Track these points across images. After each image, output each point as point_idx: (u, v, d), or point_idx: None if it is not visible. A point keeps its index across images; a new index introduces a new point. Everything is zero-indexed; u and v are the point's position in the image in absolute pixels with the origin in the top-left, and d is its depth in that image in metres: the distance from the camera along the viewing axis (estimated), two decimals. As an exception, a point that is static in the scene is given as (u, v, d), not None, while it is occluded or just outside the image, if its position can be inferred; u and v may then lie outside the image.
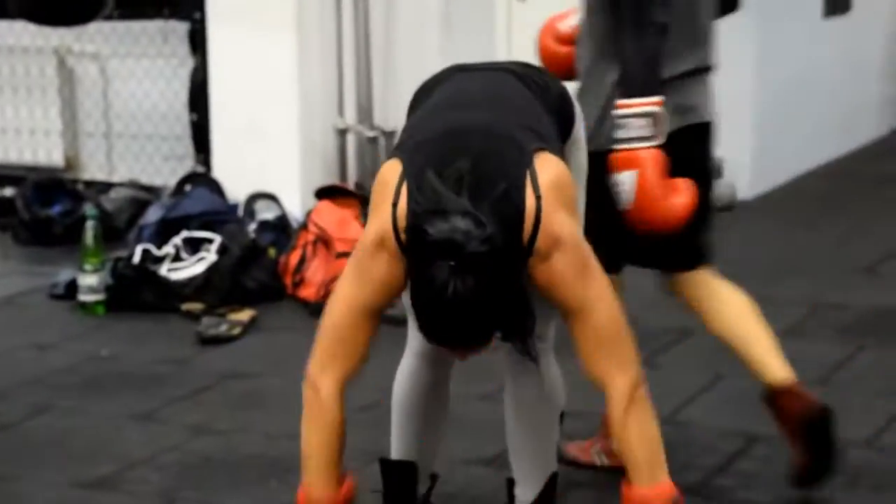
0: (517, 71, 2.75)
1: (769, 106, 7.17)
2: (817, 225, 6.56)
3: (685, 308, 3.49)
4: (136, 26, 6.59)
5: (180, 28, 6.46)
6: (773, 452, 3.70)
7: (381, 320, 2.57)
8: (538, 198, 2.45)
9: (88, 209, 5.30)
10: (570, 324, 2.52)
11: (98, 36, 6.67)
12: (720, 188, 6.81)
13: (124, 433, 3.95)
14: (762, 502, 3.41)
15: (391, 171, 2.51)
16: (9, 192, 6.68)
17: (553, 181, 2.50)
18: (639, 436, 2.48)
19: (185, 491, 3.52)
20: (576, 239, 2.51)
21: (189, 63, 6.45)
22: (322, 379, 2.51)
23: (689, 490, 3.45)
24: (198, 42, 6.34)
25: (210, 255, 5.26)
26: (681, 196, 3.12)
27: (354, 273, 2.51)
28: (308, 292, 5.21)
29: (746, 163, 7.02)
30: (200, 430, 3.95)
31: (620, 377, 2.48)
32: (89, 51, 6.73)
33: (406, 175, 2.46)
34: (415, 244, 2.38)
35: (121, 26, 6.61)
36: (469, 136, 2.49)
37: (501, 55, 6.41)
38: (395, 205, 2.44)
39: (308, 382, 2.55)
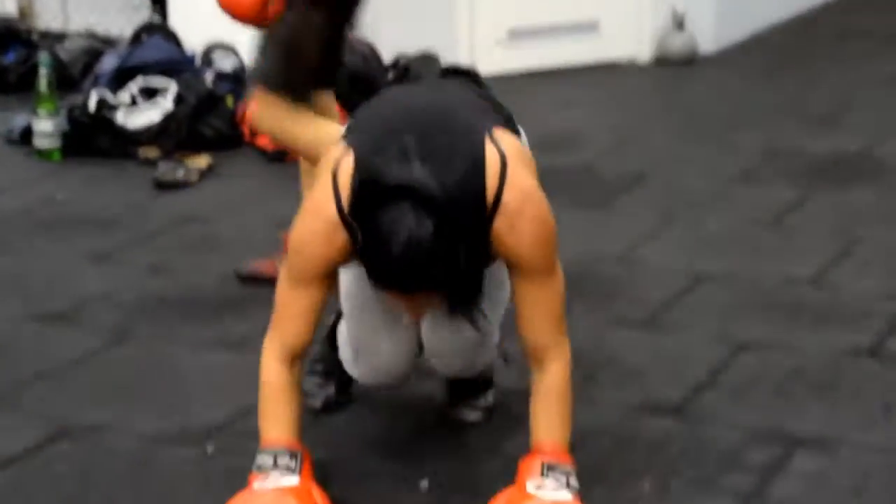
0: (467, 82, 2.72)
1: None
2: (777, 77, 6.57)
3: None
4: None
5: None
6: (718, 290, 3.79)
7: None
8: (502, 154, 2.41)
9: (42, 56, 5.25)
10: (523, 288, 2.47)
11: None
12: (681, 40, 6.83)
13: (80, 272, 3.97)
14: (706, 335, 3.47)
15: (333, 151, 2.45)
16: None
17: (516, 148, 2.46)
18: (562, 416, 2.53)
19: (140, 326, 3.56)
20: (545, 202, 2.45)
21: None
22: (264, 354, 2.55)
23: (640, 323, 3.55)
24: None
25: (166, 103, 5.22)
26: None
27: (292, 247, 2.47)
28: (264, 140, 5.19)
29: (709, 16, 7.00)
30: (156, 270, 3.98)
31: (561, 355, 2.53)
32: None
33: (352, 151, 2.40)
34: (368, 196, 2.30)
35: None
36: (420, 111, 2.47)
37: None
38: (335, 175, 2.38)
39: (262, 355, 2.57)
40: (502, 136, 2.47)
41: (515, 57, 6.44)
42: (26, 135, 5.25)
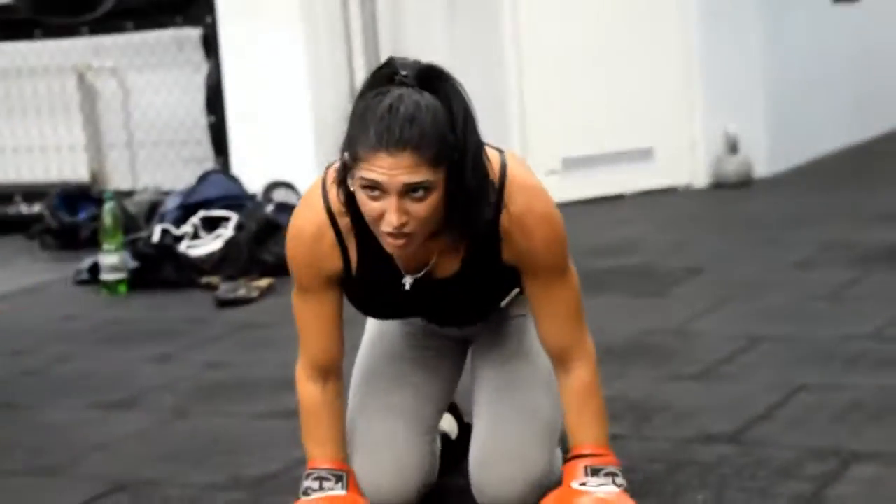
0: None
1: (781, 87, 7.25)
2: (833, 192, 6.61)
3: None
4: (151, 37, 6.77)
5: (193, 34, 6.64)
6: (775, 348, 3.77)
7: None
8: (500, 150, 2.35)
9: (107, 194, 5.44)
10: (539, 290, 2.38)
11: (115, 50, 6.86)
12: (735, 163, 6.91)
13: (141, 370, 4.04)
14: (762, 382, 3.44)
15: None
16: (37, 208, 6.84)
17: (511, 153, 2.39)
18: (596, 414, 2.46)
19: (196, 406, 3.60)
20: (550, 198, 2.36)
21: (204, 68, 6.61)
22: (296, 374, 2.55)
23: (695, 375, 3.52)
24: (211, 46, 6.51)
25: (227, 232, 5.37)
26: None
27: (291, 258, 2.41)
28: (324, 261, 5.30)
29: (762, 140, 7.09)
30: (214, 365, 4.04)
31: (585, 353, 2.44)
32: (108, 66, 6.91)
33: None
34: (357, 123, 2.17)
35: (136, 38, 6.79)
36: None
37: (507, 43, 6.54)
38: (324, 179, 2.34)
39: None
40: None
41: (570, 186, 6.54)
42: (94, 272, 5.40)
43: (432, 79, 2.19)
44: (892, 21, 8.81)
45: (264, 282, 5.10)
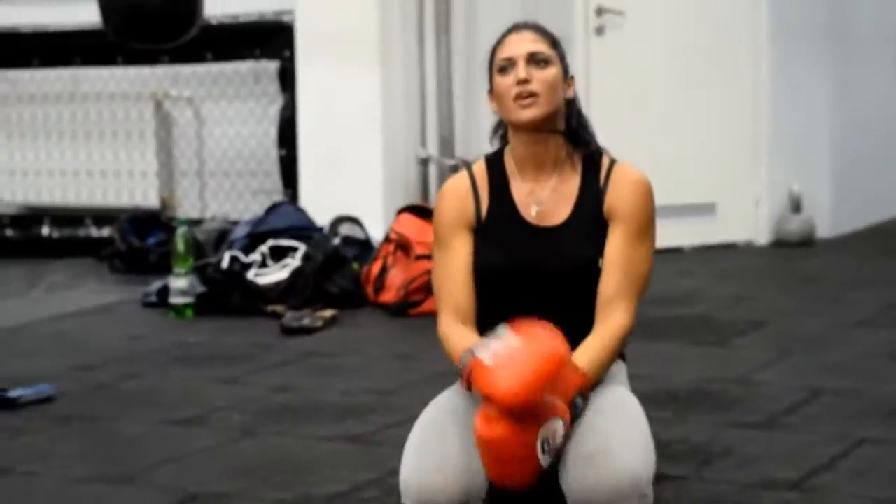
0: None
1: (846, 150, 7.27)
2: (893, 256, 6.61)
3: None
4: (229, 68, 6.91)
5: (270, 67, 6.77)
6: (838, 401, 3.78)
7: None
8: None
9: (179, 220, 5.55)
10: (613, 244, 2.60)
11: (193, 79, 7.01)
12: (798, 222, 6.93)
13: (209, 390, 4.12)
14: (825, 434, 3.46)
15: None
16: (106, 232, 6.98)
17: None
18: (599, 352, 2.56)
19: (265, 426, 3.67)
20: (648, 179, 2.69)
21: (279, 101, 6.74)
22: (440, 329, 2.63)
23: (758, 424, 3.55)
24: (287, 80, 6.64)
25: (294, 262, 5.45)
26: None
27: (436, 221, 2.70)
28: (388, 296, 5.38)
29: (825, 202, 7.11)
30: (281, 389, 4.11)
31: (625, 315, 2.58)
32: (185, 95, 7.05)
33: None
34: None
35: (214, 69, 6.93)
36: None
37: (580, 91, 6.60)
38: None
39: (441, 339, 2.64)
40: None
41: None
42: (162, 295, 5.50)
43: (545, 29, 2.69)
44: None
45: (329, 312, 5.18)
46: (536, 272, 2.61)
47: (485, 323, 2.60)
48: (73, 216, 7.26)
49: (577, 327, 2.57)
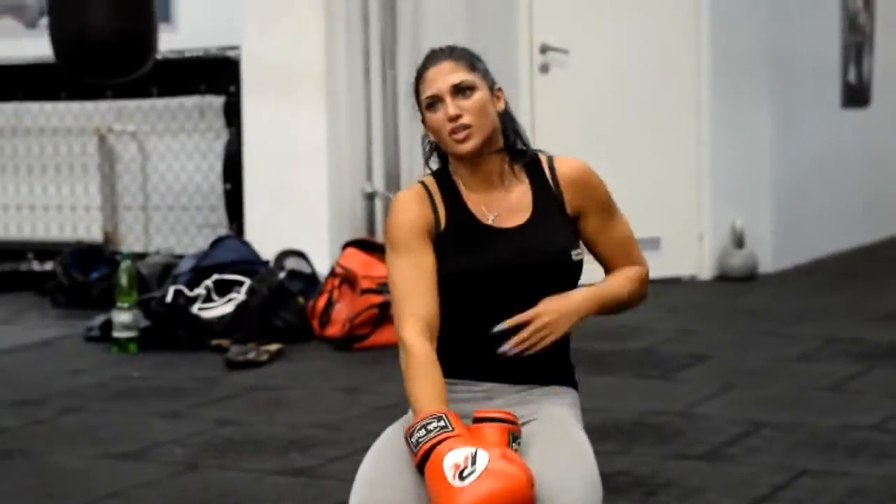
0: None
1: (788, 186, 7.36)
2: (837, 289, 6.69)
3: None
4: (174, 103, 6.90)
5: (216, 102, 6.76)
6: (778, 434, 3.82)
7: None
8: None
9: (123, 254, 5.52)
10: (591, 228, 2.61)
11: (138, 114, 6.99)
12: (741, 257, 6.99)
13: (150, 425, 4.09)
14: (766, 465, 3.49)
15: None
16: (49, 266, 6.91)
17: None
18: (625, 280, 2.61)
19: (209, 460, 3.65)
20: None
21: (224, 136, 6.73)
22: (403, 333, 2.58)
23: (700, 455, 3.55)
24: (232, 115, 6.63)
25: (239, 296, 5.44)
26: None
27: (390, 226, 2.62)
28: (334, 330, 5.37)
29: (768, 238, 7.19)
30: (224, 423, 4.09)
31: (642, 267, 2.65)
32: (129, 129, 7.03)
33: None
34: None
35: (159, 104, 6.92)
36: None
37: (525, 127, 6.64)
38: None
39: (399, 343, 2.62)
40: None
41: (578, 270, 6.59)
42: (105, 329, 5.46)
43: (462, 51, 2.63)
44: (899, 127, 8.96)
45: (274, 346, 5.16)
46: (507, 271, 2.59)
47: (451, 330, 2.58)
48: (14, 250, 7.19)
49: None
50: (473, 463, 2.28)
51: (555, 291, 2.56)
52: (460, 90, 2.54)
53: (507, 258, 2.58)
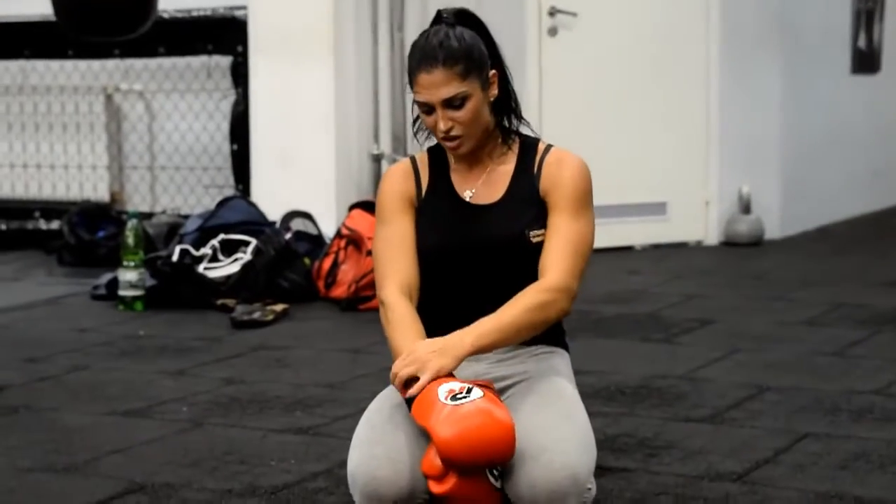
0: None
1: (796, 152, 7.35)
2: (843, 255, 6.69)
3: None
4: (181, 63, 6.89)
5: (223, 62, 6.75)
6: (782, 398, 3.82)
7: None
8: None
9: (129, 213, 5.53)
10: (552, 221, 2.59)
11: (145, 73, 6.98)
12: (747, 223, 6.99)
13: (156, 383, 4.10)
14: (769, 428, 3.50)
15: None
16: (56, 224, 6.93)
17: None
18: (507, 314, 2.52)
19: (214, 418, 3.66)
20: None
21: (231, 96, 6.72)
22: (382, 293, 2.62)
23: (704, 418, 3.58)
24: (239, 75, 6.62)
25: (245, 256, 5.44)
26: None
27: (376, 223, 2.69)
28: (339, 291, 5.38)
29: (775, 204, 7.18)
30: (230, 381, 4.10)
31: (560, 272, 2.55)
32: (136, 89, 7.02)
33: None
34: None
35: (167, 63, 6.91)
36: None
37: (530, 90, 6.65)
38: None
39: (379, 305, 2.64)
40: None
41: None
42: (111, 288, 5.47)
43: (466, 16, 2.62)
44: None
45: (279, 306, 5.17)
46: (467, 249, 2.63)
47: (427, 303, 2.61)
48: (21, 209, 7.21)
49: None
50: (468, 392, 2.33)
51: (510, 270, 2.61)
52: (452, 104, 2.53)
53: (468, 238, 2.64)
